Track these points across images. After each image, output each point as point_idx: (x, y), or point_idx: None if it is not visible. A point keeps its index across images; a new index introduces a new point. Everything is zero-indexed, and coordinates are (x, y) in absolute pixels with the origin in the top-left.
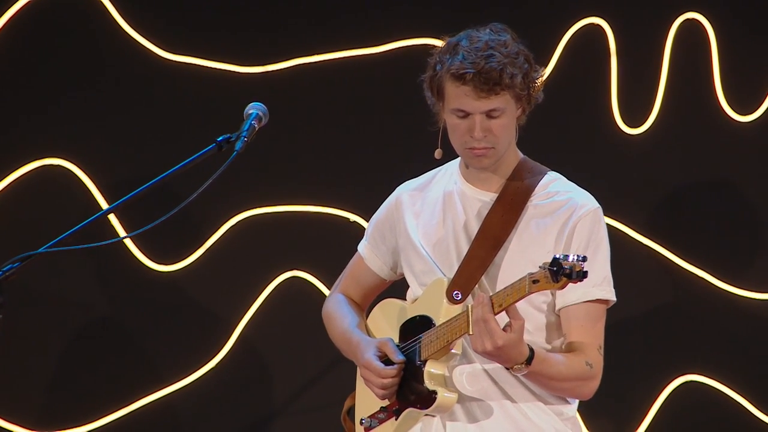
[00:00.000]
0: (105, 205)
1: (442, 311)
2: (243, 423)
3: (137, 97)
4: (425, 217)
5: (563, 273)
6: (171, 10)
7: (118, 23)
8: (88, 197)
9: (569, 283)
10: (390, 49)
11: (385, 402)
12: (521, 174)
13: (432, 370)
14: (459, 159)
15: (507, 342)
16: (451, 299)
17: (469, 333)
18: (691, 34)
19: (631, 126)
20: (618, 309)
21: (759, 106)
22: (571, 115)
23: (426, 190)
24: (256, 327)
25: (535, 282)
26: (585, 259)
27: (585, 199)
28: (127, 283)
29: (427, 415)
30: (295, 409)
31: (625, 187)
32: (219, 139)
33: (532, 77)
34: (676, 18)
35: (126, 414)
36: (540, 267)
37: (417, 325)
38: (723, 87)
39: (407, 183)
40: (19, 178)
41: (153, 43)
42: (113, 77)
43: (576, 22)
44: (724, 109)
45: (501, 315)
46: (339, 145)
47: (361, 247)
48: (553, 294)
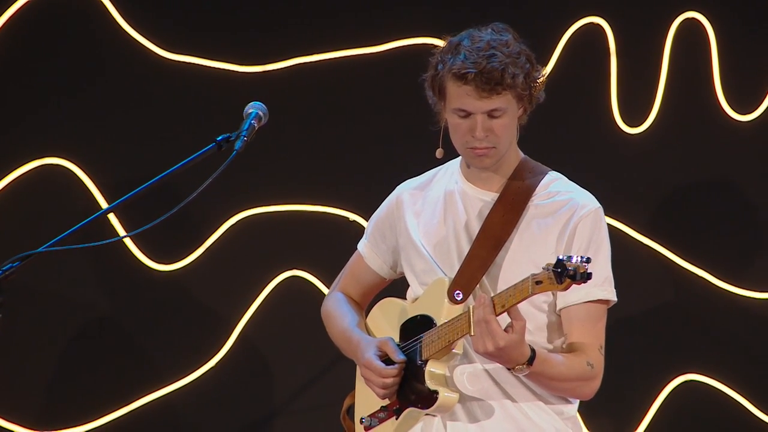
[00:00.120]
0: (105, 205)
1: (443, 311)
2: (243, 422)
3: (137, 97)
4: (426, 217)
5: (567, 274)
6: (171, 9)
7: (118, 23)
8: (88, 197)
9: (573, 285)
10: (389, 49)
11: (386, 401)
12: (522, 174)
13: (433, 369)
14: (459, 158)
15: (508, 343)
16: (453, 299)
17: (471, 334)
18: (691, 33)
19: (631, 125)
20: (618, 309)
21: (759, 105)
22: (571, 115)
23: (427, 189)
24: (255, 326)
25: (539, 283)
26: (589, 261)
27: (586, 199)
28: (127, 283)
29: (428, 415)
30: (295, 409)
31: (625, 187)
32: (219, 139)
33: (533, 77)
34: (675, 17)
35: (126, 413)
36: (543, 268)
37: (417, 325)
38: (723, 86)
39: (408, 182)
40: (19, 177)
41: (153, 43)
42: (113, 77)
43: (576, 21)
44: (723, 109)
45: (502, 315)
46: (339, 145)
47: (361, 246)
48: (554, 294)
